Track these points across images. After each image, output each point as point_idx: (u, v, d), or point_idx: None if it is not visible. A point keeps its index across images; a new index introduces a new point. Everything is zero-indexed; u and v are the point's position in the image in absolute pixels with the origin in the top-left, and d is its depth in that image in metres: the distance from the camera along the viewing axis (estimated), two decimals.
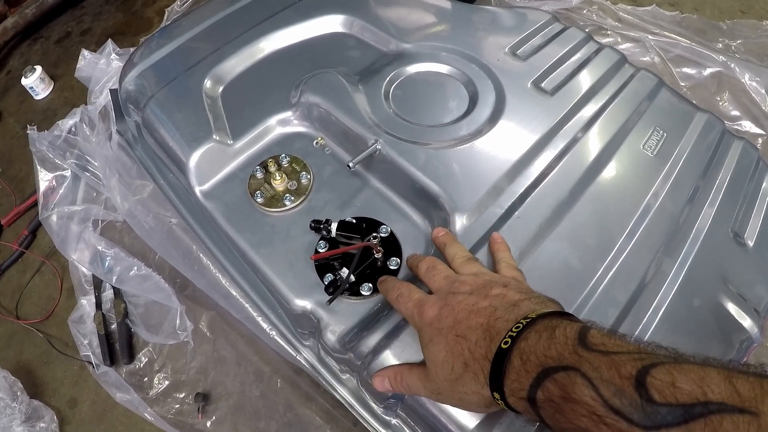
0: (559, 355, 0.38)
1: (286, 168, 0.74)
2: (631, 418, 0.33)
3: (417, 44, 0.89)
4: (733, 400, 0.30)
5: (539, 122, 0.79)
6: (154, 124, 0.83)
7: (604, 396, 0.34)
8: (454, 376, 0.47)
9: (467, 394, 0.46)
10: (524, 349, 0.40)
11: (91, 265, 1.08)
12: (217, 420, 0.94)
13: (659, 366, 0.34)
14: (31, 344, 1.09)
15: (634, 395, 0.33)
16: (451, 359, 0.47)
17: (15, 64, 1.69)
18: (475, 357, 0.44)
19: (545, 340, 0.40)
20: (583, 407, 0.35)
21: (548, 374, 0.38)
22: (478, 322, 0.46)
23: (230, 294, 0.87)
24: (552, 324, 0.41)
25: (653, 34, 1.45)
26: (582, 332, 0.39)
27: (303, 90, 0.80)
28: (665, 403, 0.32)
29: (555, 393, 0.37)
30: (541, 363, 0.39)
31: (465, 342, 0.46)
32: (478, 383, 0.44)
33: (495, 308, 0.47)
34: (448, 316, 0.49)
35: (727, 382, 0.31)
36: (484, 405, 0.46)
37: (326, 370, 0.72)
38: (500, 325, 0.44)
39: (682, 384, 0.32)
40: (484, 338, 0.45)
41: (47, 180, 1.20)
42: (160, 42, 0.94)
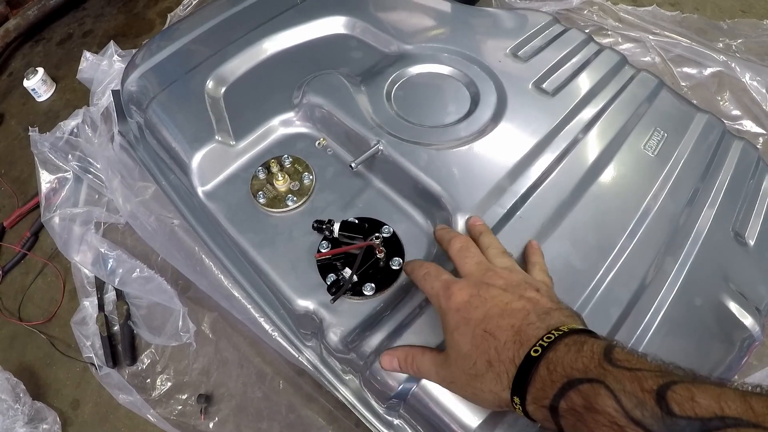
0: (585, 367, 0.39)
1: (288, 169, 0.74)
2: (651, 429, 0.34)
3: (419, 46, 0.89)
4: (748, 416, 0.31)
5: (540, 123, 0.79)
6: (157, 125, 0.83)
7: (626, 407, 0.35)
8: (474, 372, 0.46)
9: (484, 392, 0.46)
10: (552, 360, 0.41)
11: (94, 267, 1.08)
12: (219, 421, 0.94)
13: (679, 383, 0.35)
14: (34, 346, 1.09)
15: (655, 408, 0.34)
16: (475, 354, 0.46)
17: (17, 65, 1.70)
18: (501, 359, 0.45)
19: (573, 354, 0.40)
20: (605, 417, 0.36)
21: (573, 385, 0.39)
22: (509, 323, 0.46)
23: (232, 295, 0.87)
24: (581, 339, 0.42)
25: (654, 34, 1.45)
26: (608, 349, 0.40)
27: (305, 91, 0.80)
28: (684, 416, 0.33)
29: (578, 403, 0.38)
30: (567, 374, 0.39)
31: (493, 340, 0.46)
32: (500, 385, 0.44)
33: (528, 312, 0.47)
34: (479, 307, 0.48)
35: (742, 399, 0.32)
36: (496, 405, 0.47)
37: (328, 370, 0.72)
38: (531, 331, 0.45)
39: (700, 399, 0.33)
40: (514, 342, 0.44)
41: (49, 182, 1.21)
42: (163, 43, 0.94)
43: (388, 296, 0.63)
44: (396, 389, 0.58)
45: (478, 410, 0.55)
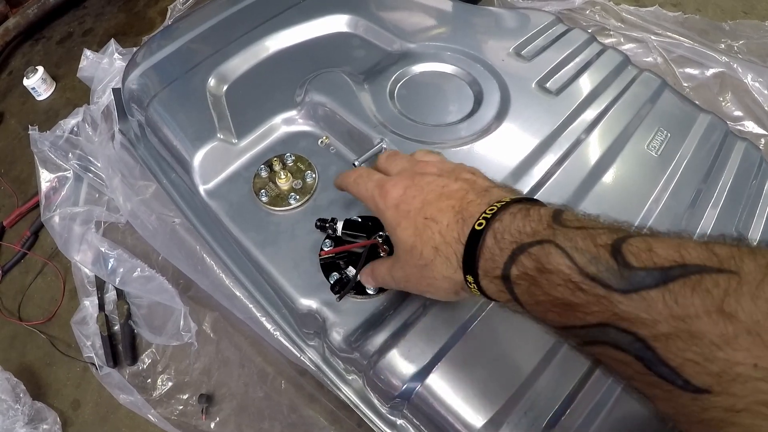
0: (533, 231, 0.38)
1: (291, 167, 0.74)
2: (608, 283, 0.32)
3: (421, 44, 0.89)
4: (711, 262, 0.30)
5: (544, 122, 0.79)
6: (158, 124, 0.82)
7: (579, 263, 0.34)
8: (423, 262, 0.45)
9: (437, 279, 0.45)
10: (498, 229, 0.39)
11: (94, 266, 1.07)
12: (221, 421, 0.94)
13: (635, 236, 0.34)
14: (34, 346, 1.09)
15: (610, 261, 0.33)
16: (420, 244, 0.45)
17: (17, 64, 1.69)
18: (446, 241, 0.43)
19: (520, 220, 0.39)
20: (558, 276, 0.35)
21: (523, 250, 0.37)
22: (449, 204, 0.45)
23: (234, 294, 0.86)
24: (526, 207, 0.40)
25: (656, 35, 1.45)
26: (556, 213, 0.39)
27: (308, 89, 0.79)
28: (642, 267, 0.31)
29: (530, 266, 0.37)
30: (515, 240, 0.38)
31: (435, 225, 0.44)
32: (450, 267, 0.43)
33: (466, 191, 0.45)
34: (416, 196, 0.47)
35: (704, 247, 0.31)
36: (453, 291, 0.46)
37: (331, 370, 0.71)
38: (473, 208, 0.43)
39: (659, 250, 0.32)
40: (456, 221, 0.43)
41: (49, 181, 1.20)
42: (164, 42, 0.94)
43: (391, 295, 0.62)
44: (400, 389, 0.57)
45: (482, 410, 0.55)
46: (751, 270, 0.28)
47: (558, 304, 0.35)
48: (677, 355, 0.29)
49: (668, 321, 0.29)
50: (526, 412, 0.56)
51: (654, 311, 0.30)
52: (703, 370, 0.28)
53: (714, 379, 0.28)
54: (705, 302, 0.28)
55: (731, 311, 0.27)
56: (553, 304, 0.36)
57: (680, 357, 0.29)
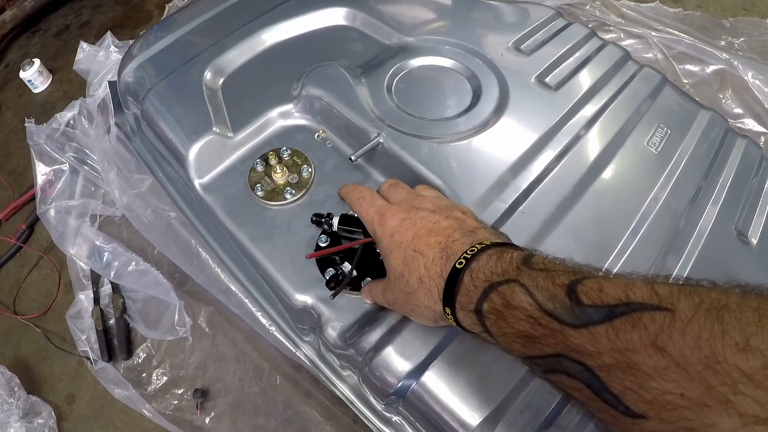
0: (503, 271, 0.42)
1: (287, 161, 0.73)
2: (562, 318, 0.36)
3: (420, 38, 0.88)
4: (652, 300, 0.33)
5: (543, 117, 0.78)
6: (154, 117, 0.82)
7: (538, 301, 0.38)
8: (408, 290, 0.49)
9: (419, 307, 0.49)
10: (475, 269, 0.44)
11: (89, 259, 1.07)
12: (215, 416, 0.93)
13: (590, 278, 0.37)
14: (29, 340, 1.08)
15: (565, 299, 0.37)
16: (407, 273, 0.49)
17: (13, 57, 1.68)
18: (430, 274, 0.47)
19: (494, 262, 0.43)
20: (521, 312, 0.39)
21: (493, 288, 0.41)
22: (436, 240, 0.49)
23: (229, 289, 0.86)
24: (501, 250, 0.45)
25: (656, 31, 1.44)
26: (527, 256, 0.43)
27: (305, 82, 0.79)
28: (592, 305, 0.35)
29: (498, 302, 0.41)
30: (487, 279, 0.42)
31: (422, 258, 0.48)
32: (431, 299, 0.47)
33: (454, 230, 0.49)
34: (408, 229, 0.51)
35: (648, 287, 0.34)
36: (433, 319, 0.50)
37: (326, 366, 0.71)
38: (457, 247, 0.47)
39: (608, 290, 0.35)
40: (441, 257, 0.47)
41: (45, 174, 1.19)
42: (160, 34, 0.93)
43: None
44: (395, 386, 0.57)
45: (478, 408, 0.55)
46: (685, 308, 0.31)
47: (521, 336, 0.39)
48: (618, 383, 0.33)
49: (611, 353, 0.33)
50: (522, 411, 0.55)
51: (599, 344, 0.34)
52: (639, 398, 0.32)
53: (648, 406, 0.31)
54: (642, 337, 0.32)
55: (663, 345, 0.31)
56: (517, 335, 0.40)
57: (621, 385, 0.33)
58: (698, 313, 0.30)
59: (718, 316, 0.30)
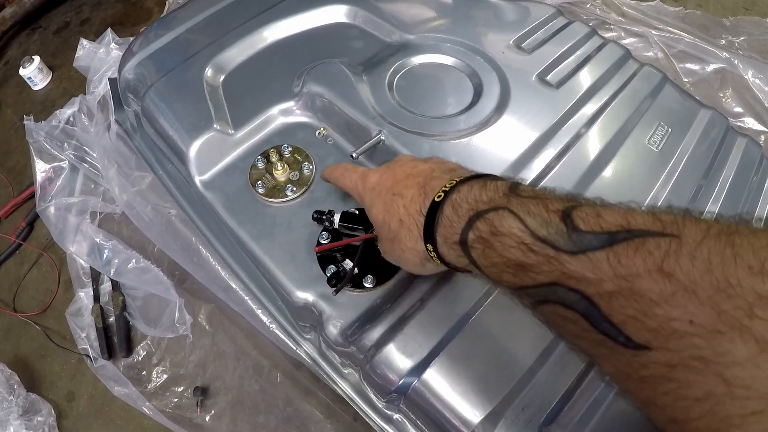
0: (489, 199, 0.40)
1: (288, 158, 0.73)
2: (557, 245, 0.34)
3: (421, 35, 0.88)
4: (655, 227, 0.31)
5: (544, 115, 0.78)
6: (154, 114, 0.82)
7: (530, 227, 0.36)
8: (392, 235, 0.49)
9: (404, 251, 0.49)
10: (456, 200, 0.42)
11: (89, 257, 1.06)
12: (216, 414, 0.93)
13: (586, 206, 0.36)
14: (29, 337, 1.08)
15: (560, 225, 0.35)
16: (388, 218, 0.49)
17: (13, 54, 1.68)
18: (409, 212, 0.47)
19: (477, 191, 0.42)
20: (511, 239, 0.37)
21: (479, 216, 0.40)
22: (415, 181, 0.48)
23: (230, 287, 0.86)
24: (483, 180, 0.43)
25: (657, 30, 1.44)
26: (513, 184, 0.41)
27: (306, 80, 0.79)
28: (590, 231, 0.33)
29: (485, 230, 0.39)
30: (472, 208, 0.41)
31: (401, 199, 0.48)
32: (413, 238, 0.47)
33: (432, 170, 0.49)
34: (388, 178, 0.52)
35: (650, 215, 0.32)
36: (419, 262, 0.49)
37: (327, 364, 0.71)
38: (435, 183, 0.46)
39: (607, 216, 0.33)
40: (419, 195, 0.47)
41: (44, 171, 1.19)
42: (161, 31, 0.93)
43: (388, 289, 0.62)
44: (397, 383, 0.57)
45: (480, 405, 0.55)
46: (692, 233, 0.30)
47: (511, 265, 0.37)
48: (619, 311, 0.31)
49: (612, 280, 0.31)
50: (524, 408, 0.55)
51: (599, 271, 0.32)
52: (642, 326, 0.29)
53: (652, 335, 0.29)
54: (646, 262, 0.30)
55: (670, 270, 0.29)
56: (507, 265, 0.38)
57: (622, 314, 0.30)
58: (707, 238, 0.29)
59: (729, 241, 0.28)
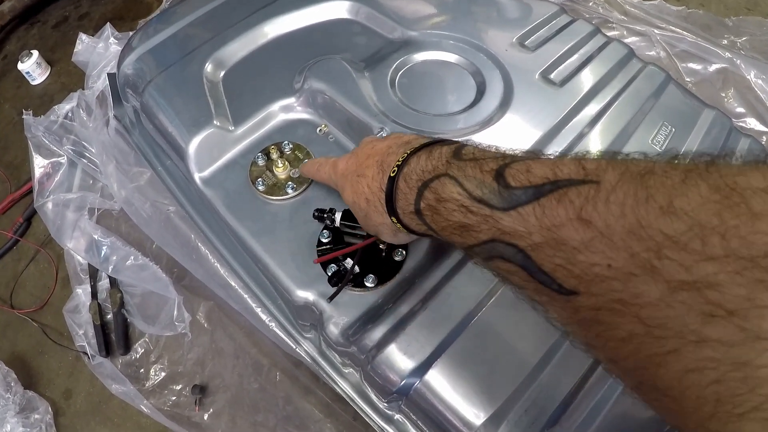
0: (433, 168, 0.42)
1: (288, 155, 0.72)
2: (491, 203, 0.36)
3: (423, 32, 0.87)
4: (578, 175, 0.32)
5: (547, 114, 0.77)
6: (153, 109, 0.81)
7: (468, 189, 0.38)
8: (363, 213, 0.52)
9: (377, 225, 0.52)
10: (407, 173, 0.45)
11: (87, 254, 1.06)
12: (214, 413, 0.92)
13: (519, 161, 0.37)
14: (26, 334, 1.07)
15: (493, 184, 0.37)
16: (356, 198, 0.52)
17: (11, 48, 1.66)
18: (372, 190, 0.50)
19: (423, 161, 0.44)
20: (452, 203, 0.39)
21: (426, 186, 0.42)
22: (374, 160, 0.51)
23: (229, 284, 0.85)
24: (431, 148, 0.45)
25: (659, 29, 1.43)
26: (457, 149, 0.43)
27: (307, 76, 0.78)
28: (519, 186, 0.35)
29: (431, 198, 0.42)
30: (420, 179, 0.43)
31: (364, 179, 0.51)
32: (380, 214, 0.49)
33: (389, 146, 0.51)
34: (353, 162, 0.55)
35: (576, 163, 0.33)
36: (392, 233, 0.52)
37: (327, 363, 0.70)
38: (390, 159, 0.49)
39: (535, 170, 0.35)
40: (378, 173, 0.49)
41: (43, 166, 1.18)
42: (160, 26, 0.92)
43: (390, 288, 0.61)
44: (398, 384, 0.56)
45: (482, 407, 0.54)
46: (610, 178, 0.30)
47: (457, 227, 0.39)
48: (549, 261, 0.32)
49: (540, 232, 0.32)
50: (526, 410, 0.55)
51: (528, 224, 0.33)
52: (569, 273, 0.31)
53: (578, 281, 0.30)
54: (568, 211, 0.31)
55: (588, 217, 0.30)
56: (453, 227, 0.40)
57: (551, 263, 0.32)
58: (622, 181, 0.29)
59: (642, 181, 0.29)
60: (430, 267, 0.63)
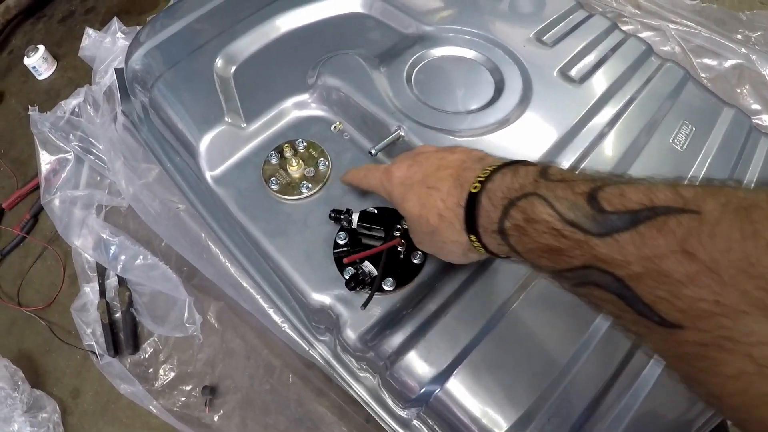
0: (520, 186, 0.41)
1: (302, 153, 0.71)
2: (585, 227, 0.35)
3: (439, 27, 0.85)
4: (677, 203, 0.31)
5: (567, 112, 0.76)
6: (162, 106, 0.79)
7: (559, 211, 0.37)
8: (431, 228, 0.49)
9: (446, 243, 0.49)
10: (491, 189, 0.43)
11: (95, 252, 1.05)
12: (225, 414, 0.91)
13: (611, 185, 0.36)
14: (33, 332, 1.07)
15: (586, 207, 0.35)
16: (426, 212, 0.49)
17: (17, 43, 1.65)
18: (448, 206, 0.47)
19: (509, 179, 0.42)
20: (543, 225, 0.38)
21: (513, 204, 0.40)
22: (448, 173, 0.48)
23: (240, 284, 0.84)
24: (515, 167, 0.44)
25: (673, 23, 1.41)
26: (543, 169, 0.41)
27: (321, 72, 0.76)
28: (614, 211, 0.34)
29: (519, 218, 0.40)
30: (506, 197, 0.41)
31: (437, 193, 0.48)
32: (455, 231, 0.47)
33: (463, 160, 0.49)
34: (417, 171, 0.52)
35: (672, 189, 0.32)
36: (462, 253, 0.49)
37: (342, 367, 0.69)
38: (469, 174, 0.46)
39: (630, 195, 0.33)
40: (455, 187, 0.47)
41: (49, 162, 1.17)
42: (168, 20, 0.90)
43: (409, 292, 0.59)
44: (418, 392, 0.55)
45: (504, 416, 0.53)
46: (711, 209, 0.29)
47: (546, 250, 0.38)
48: (649, 293, 0.31)
49: (639, 261, 0.31)
50: (550, 418, 0.53)
51: (626, 253, 0.32)
52: (672, 306, 0.30)
53: (682, 315, 0.29)
54: (669, 242, 0.30)
55: (692, 250, 0.29)
56: (542, 250, 0.38)
57: (653, 295, 0.31)
58: (725, 213, 0.29)
59: (747, 215, 0.28)
60: (450, 271, 0.61)
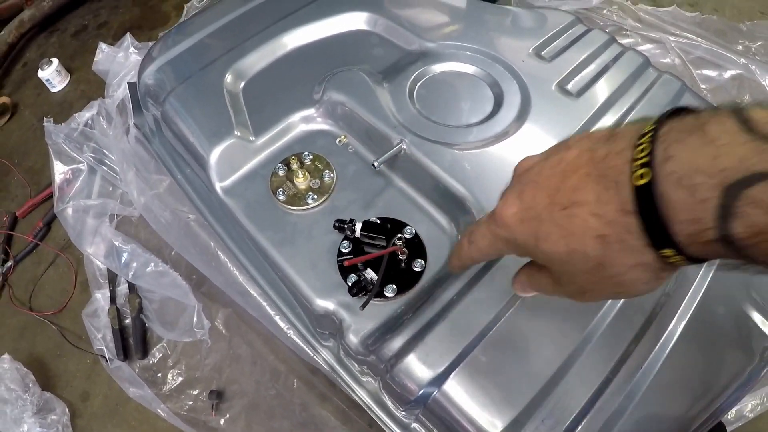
0: (739, 160, 0.25)
1: (308, 166, 0.74)
2: None
3: (441, 43, 0.88)
4: None
5: (565, 125, 0.78)
6: (174, 119, 0.82)
7: None
8: (592, 263, 0.33)
9: (623, 274, 0.33)
10: (675, 173, 0.27)
11: (107, 259, 1.07)
12: (231, 418, 0.93)
13: None
14: (44, 336, 1.09)
15: None
16: (576, 243, 0.33)
17: (31, 56, 1.69)
18: (608, 220, 0.31)
19: (701, 148, 0.26)
20: None
21: (735, 195, 0.25)
22: (582, 174, 0.33)
23: (247, 292, 0.86)
24: (686, 125, 0.28)
25: (673, 35, 1.43)
26: (740, 119, 0.26)
27: (326, 87, 0.79)
28: None
29: (760, 217, 0.25)
30: (716, 183, 0.26)
31: (580, 209, 0.32)
32: (633, 251, 0.31)
33: (591, 149, 0.33)
34: (536, 194, 0.35)
35: None
36: (650, 278, 0.33)
37: (345, 371, 0.71)
38: (614, 161, 0.31)
39: None
40: (606, 189, 0.31)
41: (63, 173, 1.20)
42: (180, 36, 0.93)
43: (409, 299, 0.62)
44: (417, 393, 0.57)
45: (500, 416, 0.55)
46: None
47: None
48: None
49: None
50: (543, 420, 0.55)
51: None
52: None
53: None
54: None
55: None
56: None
57: None
58: None
59: None
60: (449, 278, 0.63)
